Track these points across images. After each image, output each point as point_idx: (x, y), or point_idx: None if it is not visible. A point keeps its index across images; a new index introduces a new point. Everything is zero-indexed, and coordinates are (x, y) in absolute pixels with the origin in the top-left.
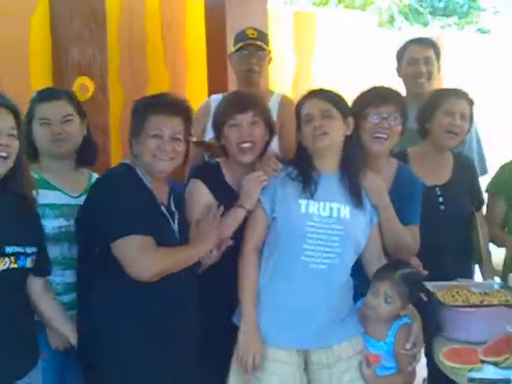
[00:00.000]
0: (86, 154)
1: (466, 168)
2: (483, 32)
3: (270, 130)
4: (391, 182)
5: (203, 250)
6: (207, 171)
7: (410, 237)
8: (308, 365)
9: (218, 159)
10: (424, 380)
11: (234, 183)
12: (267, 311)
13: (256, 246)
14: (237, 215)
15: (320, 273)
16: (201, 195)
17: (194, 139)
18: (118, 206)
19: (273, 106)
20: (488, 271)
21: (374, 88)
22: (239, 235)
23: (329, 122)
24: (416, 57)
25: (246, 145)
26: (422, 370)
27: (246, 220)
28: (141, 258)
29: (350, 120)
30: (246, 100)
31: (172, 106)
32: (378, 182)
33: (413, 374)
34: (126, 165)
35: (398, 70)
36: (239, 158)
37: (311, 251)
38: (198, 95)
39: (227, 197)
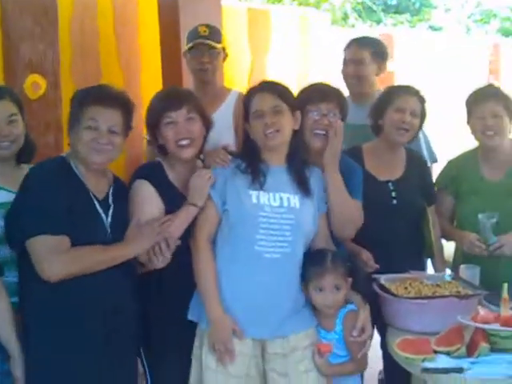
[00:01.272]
0: (25, 152)
1: (418, 164)
2: (435, 29)
3: (207, 124)
4: None
5: (132, 251)
6: (151, 171)
7: (355, 207)
8: (264, 354)
9: (159, 158)
10: (380, 372)
11: (178, 182)
12: (223, 302)
13: (208, 239)
14: (188, 214)
15: (274, 262)
16: (148, 196)
17: (148, 137)
18: (35, 203)
19: (230, 103)
20: (439, 265)
21: (314, 85)
22: (187, 234)
23: (280, 119)
24: (350, 58)
25: (184, 142)
26: (378, 361)
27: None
28: (50, 259)
29: (298, 114)
30: (179, 96)
31: (110, 97)
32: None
33: (364, 360)
34: (61, 158)
35: (342, 70)
36: (179, 155)
37: (264, 241)
38: (153, 92)
39: (172, 196)
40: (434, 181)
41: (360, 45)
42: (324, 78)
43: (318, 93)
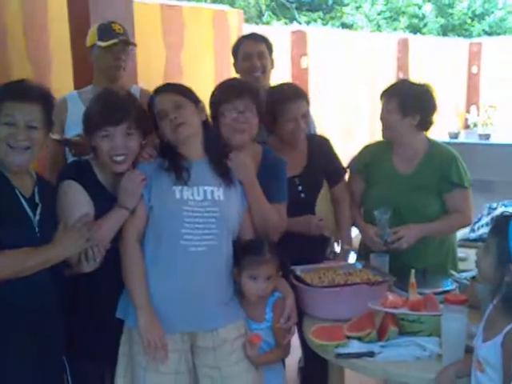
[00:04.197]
0: None
1: (320, 149)
2: (347, 26)
3: (145, 133)
4: (258, 162)
5: (61, 254)
6: (79, 170)
7: (276, 215)
8: (193, 349)
9: (87, 157)
10: (300, 360)
11: (107, 182)
12: (152, 298)
13: (137, 234)
14: (119, 217)
15: (200, 255)
16: (77, 197)
17: (56, 136)
18: None
19: None
20: (345, 240)
21: (228, 82)
22: (118, 235)
23: (182, 112)
24: (250, 52)
25: (120, 158)
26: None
27: None
28: None
29: (202, 105)
30: (119, 110)
31: (28, 91)
32: (243, 159)
33: (288, 346)
34: None
35: (235, 65)
36: (112, 168)
37: (190, 235)
38: (64, 89)
39: (101, 196)
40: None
41: (258, 39)
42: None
43: (234, 90)
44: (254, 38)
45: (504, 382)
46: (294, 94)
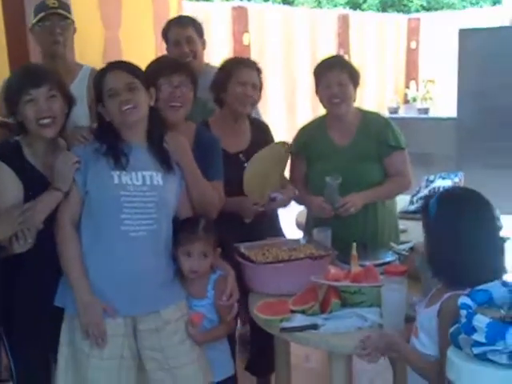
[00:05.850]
0: None
1: (262, 131)
2: (288, 2)
3: (68, 101)
4: (192, 142)
5: None
6: (7, 151)
7: (214, 192)
8: (135, 333)
9: (17, 138)
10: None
11: (38, 162)
12: (92, 284)
13: (72, 219)
14: (53, 198)
15: (141, 240)
16: (5, 179)
17: None
18: None
19: (83, 78)
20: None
21: (162, 58)
22: (52, 218)
23: (135, 95)
24: (178, 38)
25: (46, 121)
26: None
27: None
28: None
29: (152, 91)
30: (39, 74)
31: None
32: (178, 140)
33: (232, 322)
34: None
35: (167, 49)
36: (40, 133)
37: (129, 220)
38: (0, 70)
39: (31, 177)
40: None
41: (184, 23)
42: None
43: (169, 65)
44: (181, 23)
45: (440, 350)
46: (247, 61)
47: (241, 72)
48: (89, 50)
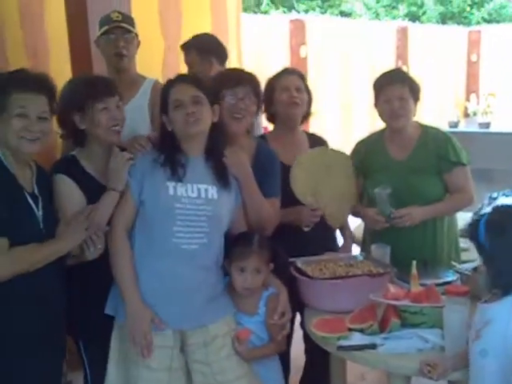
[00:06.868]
0: None
1: (320, 144)
2: (345, 15)
3: None
4: (252, 156)
5: (65, 247)
6: (68, 165)
7: (270, 209)
8: (184, 347)
9: (73, 152)
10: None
11: (96, 172)
12: (142, 295)
13: (126, 227)
14: (110, 199)
15: (192, 253)
16: (68, 190)
17: None
18: None
19: (146, 91)
20: (346, 233)
21: (229, 70)
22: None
23: (200, 109)
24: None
25: (117, 128)
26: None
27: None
28: None
29: (216, 107)
30: (110, 84)
31: (36, 82)
32: (238, 155)
33: (283, 342)
34: None
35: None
36: (109, 139)
37: (182, 233)
38: (63, 81)
39: (92, 187)
40: None
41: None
42: (238, 65)
43: (234, 77)
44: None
45: None
46: (287, 69)
47: (281, 79)
48: (149, 61)
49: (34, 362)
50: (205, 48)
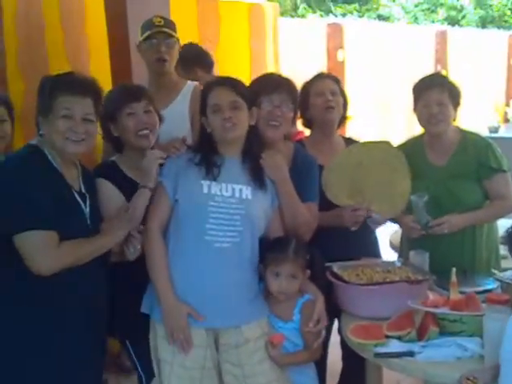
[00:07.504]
0: None
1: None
2: (383, 19)
3: (160, 118)
4: (290, 161)
5: (111, 241)
6: (109, 170)
7: (307, 213)
8: (217, 346)
9: (112, 158)
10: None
11: (135, 175)
12: (176, 292)
13: (160, 225)
14: (142, 197)
15: (224, 251)
16: (111, 194)
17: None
18: (21, 197)
19: (186, 94)
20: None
21: (266, 75)
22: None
23: (237, 114)
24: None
25: (145, 132)
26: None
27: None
28: (42, 254)
29: (254, 110)
30: (137, 90)
31: (82, 85)
32: (276, 158)
33: (318, 349)
34: (32, 146)
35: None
36: (139, 144)
37: (214, 230)
38: (102, 84)
39: (131, 190)
40: None
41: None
42: (275, 69)
43: (271, 83)
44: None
45: None
46: (321, 73)
47: (315, 84)
48: None
49: (76, 359)
50: (185, 59)
